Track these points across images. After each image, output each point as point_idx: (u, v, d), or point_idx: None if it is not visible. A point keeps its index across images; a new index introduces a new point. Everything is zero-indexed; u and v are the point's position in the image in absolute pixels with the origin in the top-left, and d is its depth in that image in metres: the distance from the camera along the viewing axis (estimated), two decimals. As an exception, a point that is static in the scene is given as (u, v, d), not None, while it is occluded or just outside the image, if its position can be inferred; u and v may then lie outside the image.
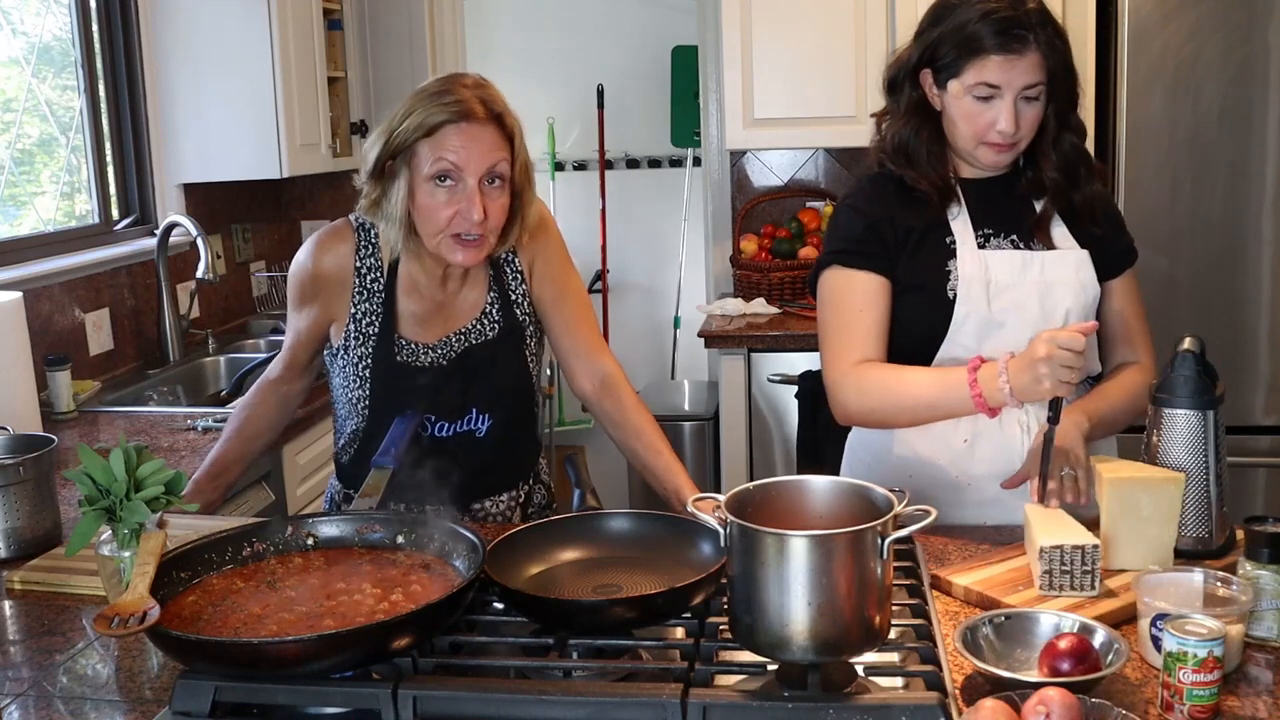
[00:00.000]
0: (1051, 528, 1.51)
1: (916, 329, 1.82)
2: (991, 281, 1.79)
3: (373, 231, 1.88)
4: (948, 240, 1.82)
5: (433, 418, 1.87)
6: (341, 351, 1.90)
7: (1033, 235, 1.83)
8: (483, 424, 1.90)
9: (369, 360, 1.87)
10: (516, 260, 1.93)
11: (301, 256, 1.91)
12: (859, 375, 1.79)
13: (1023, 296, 1.79)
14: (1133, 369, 1.87)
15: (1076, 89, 1.80)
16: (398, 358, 1.86)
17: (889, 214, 1.83)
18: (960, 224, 1.82)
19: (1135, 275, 1.91)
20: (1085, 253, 1.83)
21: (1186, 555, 1.56)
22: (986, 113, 1.74)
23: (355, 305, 1.87)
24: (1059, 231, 1.84)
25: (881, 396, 1.78)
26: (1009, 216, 1.84)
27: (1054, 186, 1.82)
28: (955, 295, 1.79)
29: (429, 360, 1.87)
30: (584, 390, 1.96)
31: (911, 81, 1.83)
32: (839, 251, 1.85)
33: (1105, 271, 1.86)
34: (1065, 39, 1.76)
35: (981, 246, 1.82)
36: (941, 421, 1.80)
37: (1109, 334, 1.90)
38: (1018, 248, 1.82)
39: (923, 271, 1.81)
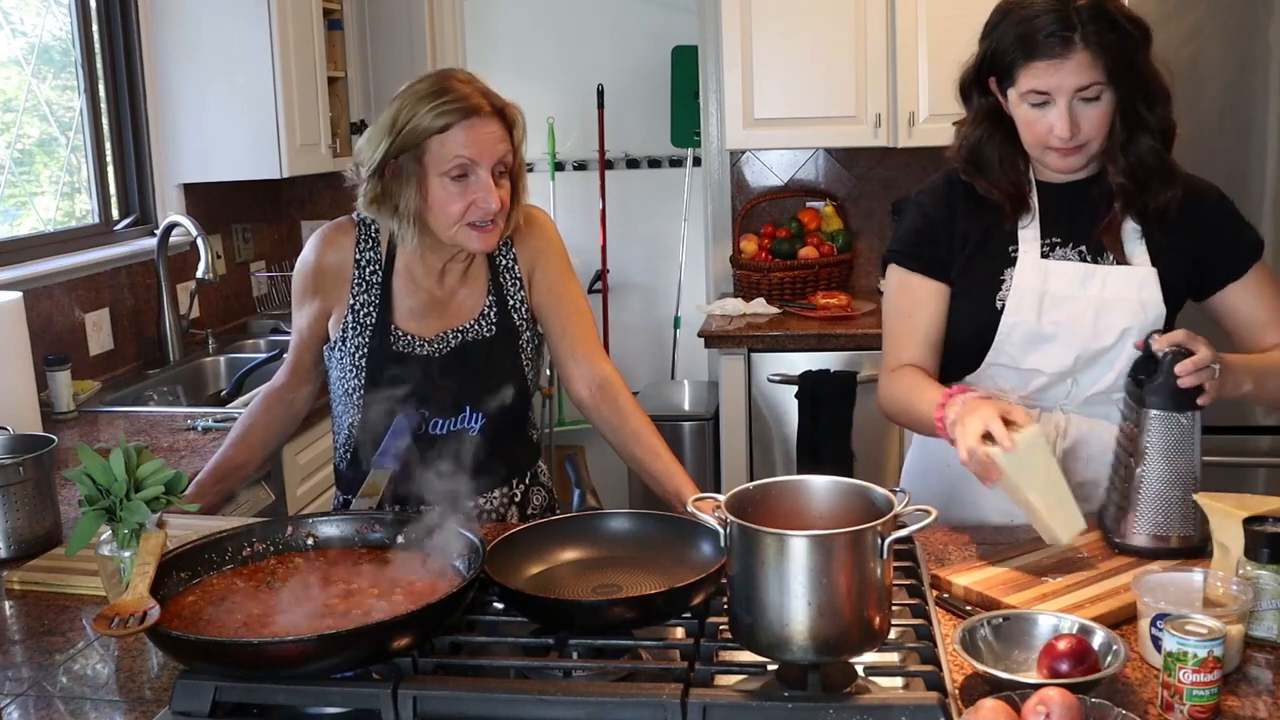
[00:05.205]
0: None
1: (962, 335, 1.82)
2: (1047, 294, 1.75)
3: (373, 225, 1.90)
4: (1010, 249, 1.78)
5: (427, 413, 1.87)
6: (339, 344, 1.90)
7: (1101, 245, 1.76)
8: (476, 422, 1.90)
9: (365, 349, 1.88)
10: (516, 267, 1.94)
11: (305, 252, 1.93)
12: (894, 378, 1.82)
13: (1077, 311, 1.75)
14: None
15: (1148, 84, 1.70)
16: (394, 347, 1.87)
17: (950, 216, 1.81)
18: (1029, 233, 1.78)
19: (1265, 268, 1.79)
20: (1153, 271, 1.74)
21: (1177, 555, 1.57)
22: (1043, 118, 1.68)
23: (354, 296, 1.89)
24: (1135, 245, 1.76)
25: (896, 400, 1.81)
26: (1080, 224, 1.77)
27: (1122, 192, 1.73)
28: (1003, 305, 1.76)
29: (424, 352, 1.88)
30: (580, 396, 1.96)
31: (980, 88, 1.78)
32: (897, 252, 1.87)
33: (1220, 277, 1.77)
34: (1122, 31, 1.65)
35: (1045, 256, 1.77)
36: None
37: (1241, 332, 1.79)
38: (1084, 259, 1.77)
39: (976, 278, 1.79)
